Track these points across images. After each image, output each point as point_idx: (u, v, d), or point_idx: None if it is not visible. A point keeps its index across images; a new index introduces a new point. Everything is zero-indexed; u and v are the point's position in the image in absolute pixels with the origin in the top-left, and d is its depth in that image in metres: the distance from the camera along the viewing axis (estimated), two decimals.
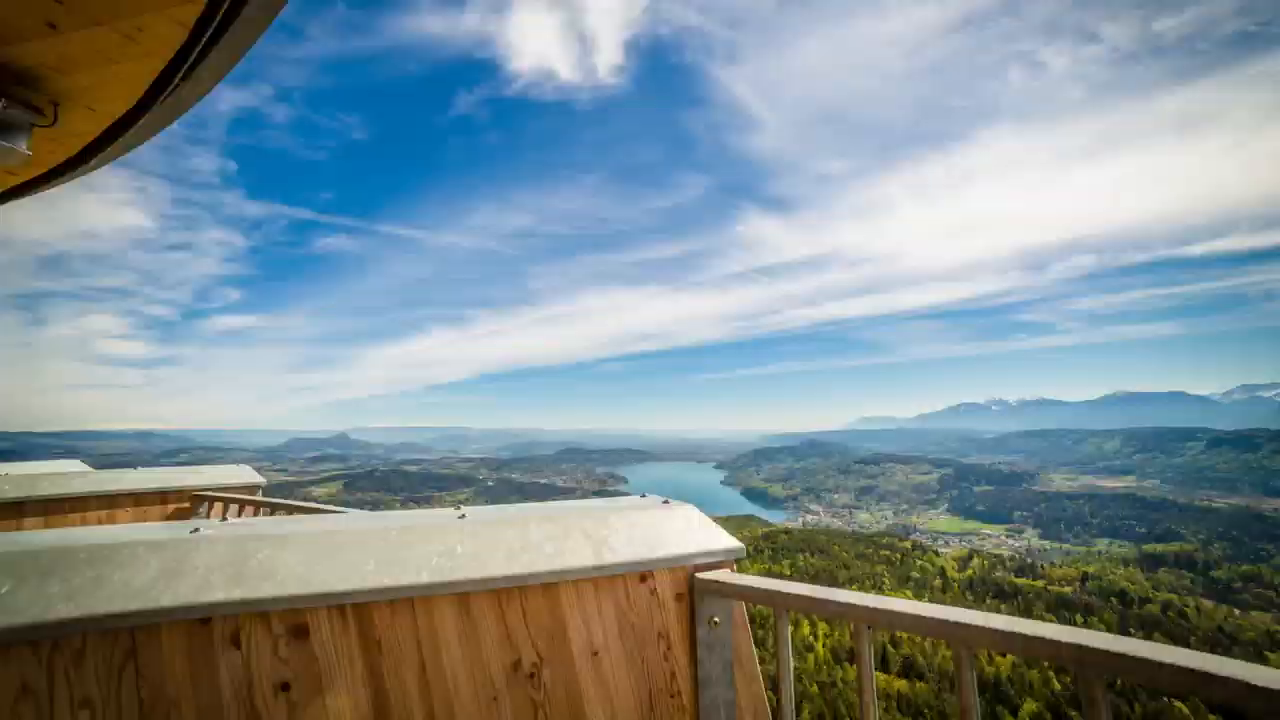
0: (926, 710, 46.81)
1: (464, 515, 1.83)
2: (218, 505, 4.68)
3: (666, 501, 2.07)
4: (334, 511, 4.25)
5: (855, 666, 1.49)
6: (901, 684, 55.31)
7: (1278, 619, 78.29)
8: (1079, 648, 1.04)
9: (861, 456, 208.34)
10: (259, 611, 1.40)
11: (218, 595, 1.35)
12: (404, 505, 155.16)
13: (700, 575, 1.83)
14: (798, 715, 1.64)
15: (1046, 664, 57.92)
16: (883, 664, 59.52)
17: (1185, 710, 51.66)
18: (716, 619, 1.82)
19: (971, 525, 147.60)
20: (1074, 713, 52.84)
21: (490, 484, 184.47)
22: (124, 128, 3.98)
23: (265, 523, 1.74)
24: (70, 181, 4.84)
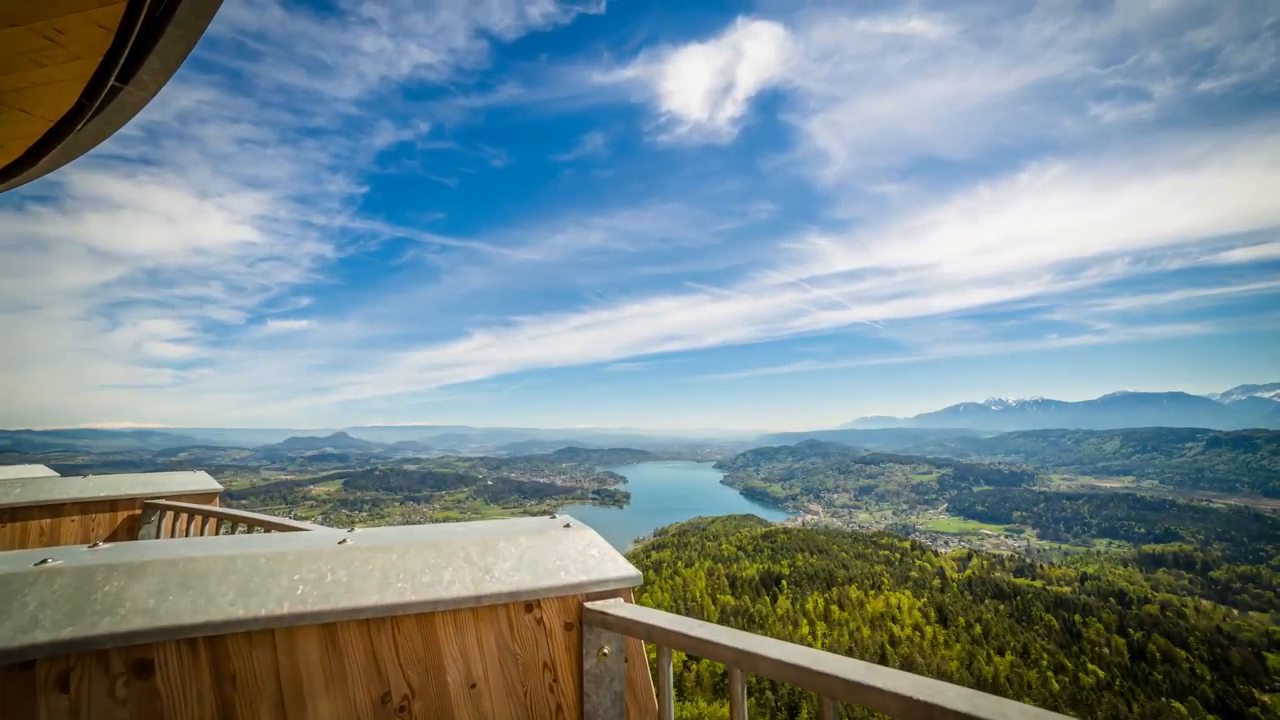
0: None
1: (345, 540, 1.76)
2: (169, 514, 4.61)
3: (569, 525, 2.00)
4: (292, 527, 4.16)
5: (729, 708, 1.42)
6: None
7: (1276, 619, 78.22)
8: (929, 706, 1.01)
9: (861, 456, 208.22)
10: (95, 650, 1.33)
11: (42, 636, 1.28)
12: (403, 504, 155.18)
13: (589, 605, 1.75)
14: (794, 717, 1.53)
15: (1046, 666, 57.41)
16: (881, 664, 59.39)
17: (1183, 710, 51.63)
18: (606, 650, 1.74)
19: (971, 525, 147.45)
20: (1071, 712, 52.83)
21: (489, 483, 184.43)
22: (65, 130, 3.92)
23: (131, 547, 1.67)
24: (20, 185, 4.78)
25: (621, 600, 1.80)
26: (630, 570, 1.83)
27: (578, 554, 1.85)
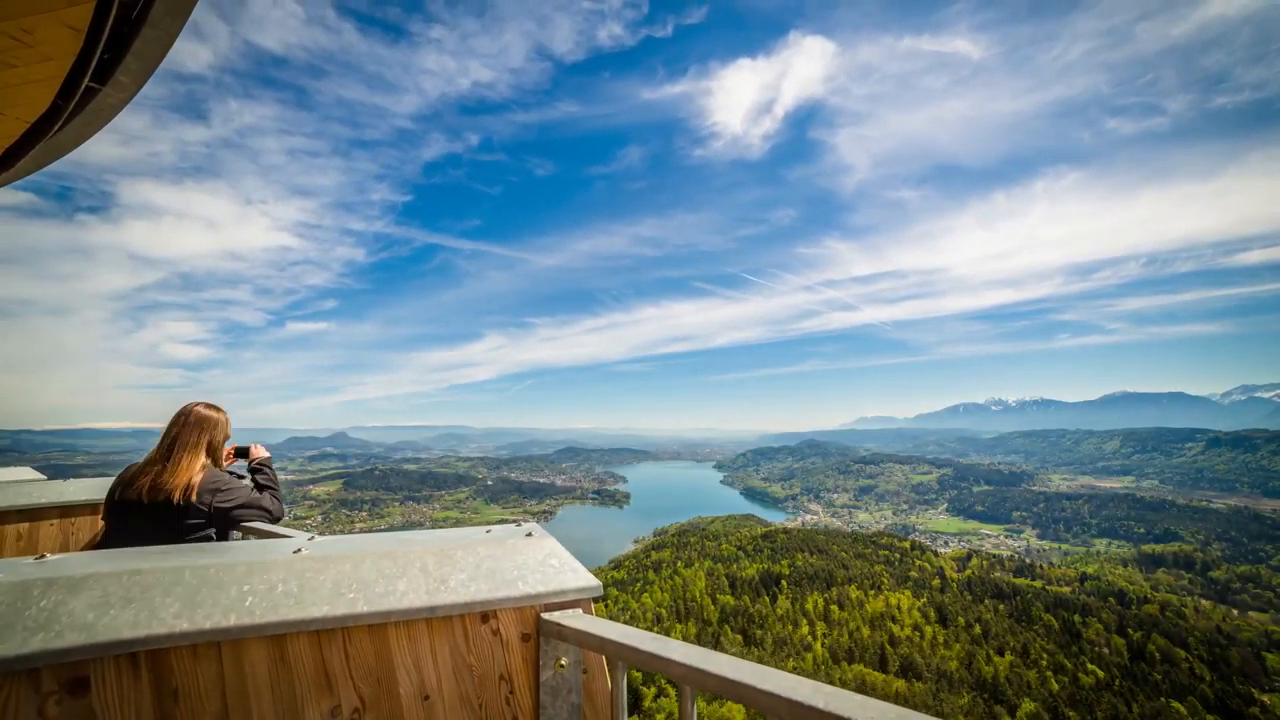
0: (924, 710, 46.73)
1: (300, 550, 1.72)
2: None
3: (530, 534, 1.96)
4: (273, 532, 4.11)
5: None
6: (900, 684, 55.20)
7: (1276, 619, 78.15)
8: None
9: (861, 456, 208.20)
10: (26, 669, 1.29)
11: None
12: (403, 505, 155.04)
13: (546, 616, 1.72)
14: None
15: (1045, 663, 57.25)
16: (881, 664, 59.42)
17: (1183, 710, 51.55)
18: (564, 661, 1.71)
19: (971, 525, 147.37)
20: (1071, 713, 52.68)
21: (489, 483, 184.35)
22: (43, 131, 3.87)
23: (76, 559, 1.63)
24: (2, 186, 4.74)
25: (580, 611, 1.76)
26: (590, 581, 1.79)
27: (537, 564, 1.81)
